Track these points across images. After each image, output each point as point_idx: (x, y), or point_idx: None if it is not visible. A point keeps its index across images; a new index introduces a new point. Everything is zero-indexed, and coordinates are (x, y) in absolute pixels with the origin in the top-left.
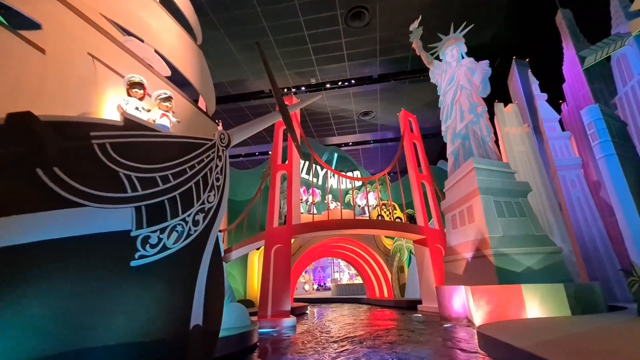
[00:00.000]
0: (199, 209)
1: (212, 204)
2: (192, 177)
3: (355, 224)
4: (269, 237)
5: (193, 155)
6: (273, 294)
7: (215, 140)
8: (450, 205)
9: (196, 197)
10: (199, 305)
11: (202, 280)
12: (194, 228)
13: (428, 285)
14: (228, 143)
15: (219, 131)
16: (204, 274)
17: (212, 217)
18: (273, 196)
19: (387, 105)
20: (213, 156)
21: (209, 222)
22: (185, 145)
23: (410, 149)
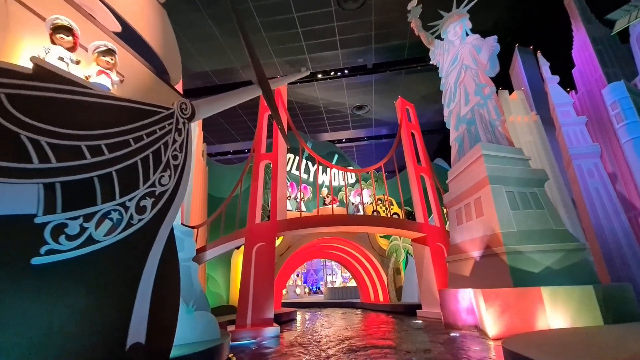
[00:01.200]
0: (146, 193)
1: (166, 187)
2: (138, 151)
3: (347, 220)
4: (250, 235)
5: (141, 125)
6: (254, 300)
7: (174, 109)
8: (454, 198)
9: (143, 177)
10: (141, 318)
11: (147, 284)
12: (138, 216)
13: (428, 288)
14: (191, 115)
15: (180, 100)
16: (151, 277)
17: (166, 203)
18: (255, 188)
19: (382, 99)
20: (170, 129)
21: (161, 210)
22: (131, 112)
23: (408, 140)
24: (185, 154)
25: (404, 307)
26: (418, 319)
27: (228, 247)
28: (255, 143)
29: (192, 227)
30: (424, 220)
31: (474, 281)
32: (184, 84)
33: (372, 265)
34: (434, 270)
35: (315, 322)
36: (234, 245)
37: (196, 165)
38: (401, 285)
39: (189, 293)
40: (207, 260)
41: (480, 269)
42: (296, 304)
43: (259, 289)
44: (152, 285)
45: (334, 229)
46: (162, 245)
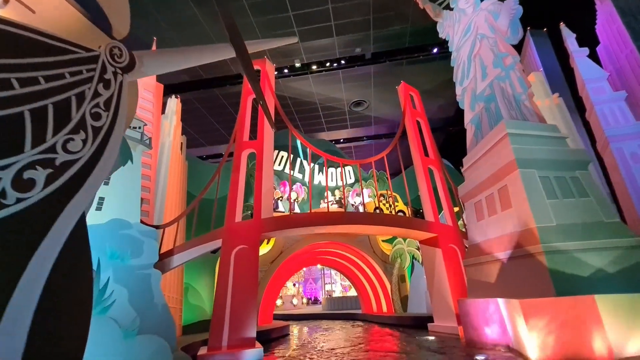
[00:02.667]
0: (36, 161)
1: (75, 156)
2: (29, 98)
3: (344, 219)
4: (228, 235)
5: (38, 63)
6: (232, 315)
7: (100, 53)
8: (472, 190)
9: (32, 138)
10: (18, 330)
11: (32, 284)
12: (18, 194)
13: (441, 297)
14: (129, 65)
15: (111, 43)
16: (40, 273)
17: (74, 180)
18: (236, 181)
19: (381, 93)
20: (90, 77)
21: (64, 189)
22: (28, 43)
23: (413, 128)
24: (115, 116)
25: (411, 320)
26: (430, 335)
27: (201, 250)
28: (237, 129)
29: (155, 226)
30: (434, 218)
31: (502, 289)
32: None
33: (374, 272)
34: (448, 276)
35: (311, 338)
36: (208, 248)
37: (172, 159)
38: (407, 295)
39: (147, 308)
40: (175, 267)
41: (509, 273)
42: (292, 316)
43: (239, 301)
44: (44, 284)
45: (330, 230)
46: (62, 241)
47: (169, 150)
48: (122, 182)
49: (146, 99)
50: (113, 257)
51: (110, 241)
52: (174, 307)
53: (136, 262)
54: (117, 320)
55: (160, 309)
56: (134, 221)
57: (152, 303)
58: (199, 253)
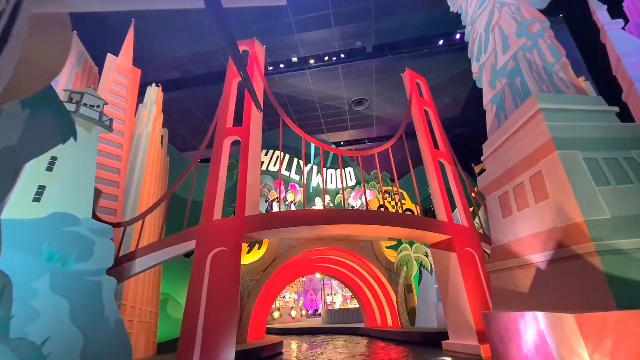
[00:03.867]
0: None
1: None
2: None
3: (343, 217)
4: (204, 235)
5: None
6: (205, 333)
7: None
8: (495, 180)
9: None
10: None
11: None
12: None
13: (457, 310)
14: None
15: None
16: None
17: None
18: (217, 173)
19: (383, 91)
20: None
21: None
22: None
23: (420, 118)
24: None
25: (421, 336)
26: (445, 355)
27: (170, 253)
28: (219, 114)
29: (113, 224)
30: (446, 218)
31: (540, 299)
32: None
33: (377, 282)
34: (465, 285)
35: (308, 357)
36: (179, 251)
37: (151, 153)
38: (414, 306)
39: (94, 324)
40: (137, 273)
41: (548, 279)
42: (290, 330)
43: (214, 316)
44: None
45: (327, 232)
46: None
47: (147, 142)
48: (70, 168)
49: (119, 83)
50: (51, 260)
51: (49, 240)
52: (146, 321)
53: (83, 267)
54: (36, 343)
55: (113, 325)
56: (83, 216)
57: (101, 318)
58: (168, 257)
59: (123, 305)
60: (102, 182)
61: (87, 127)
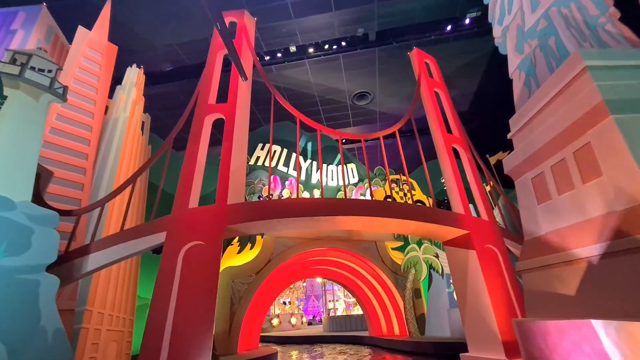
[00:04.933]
0: None
1: None
2: None
3: (343, 207)
4: (176, 227)
5: None
6: (173, 345)
7: None
8: (527, 160)
9: None
10: None
11: None
12: None
13: (478, 318)
14: None
15: None
16: None
17: None
18: (195, 154)
19: (387, 83)
20: None
21: None
22: None
23: (431, 100)
24: None
25: (433, 346)
26: None
27: (133, 248)
28: (200, 89)
29: (63, 211)
30: (463, 210)
31: (593, 303)
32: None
33: (382, 286)
34: (487, 288)
35: None
36: (144, 246)
37: (129, 140)
38: (423, 313)
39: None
40: (92, 271)
41: (603, 278)
42: (289, 339)
43: (185, 325)
44: None
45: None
46: None
47: (123, 127)
48: (6, 140)
49: (92, 60)
50: None
51: None
52: (118, 330)
53: (14, 262)
54: None
55: (51, 336)
56: (19, 199)
57: (35, 327)
58: (131, 252)
59: (88, 312)
60: (66, 168)
61: (33, 93)
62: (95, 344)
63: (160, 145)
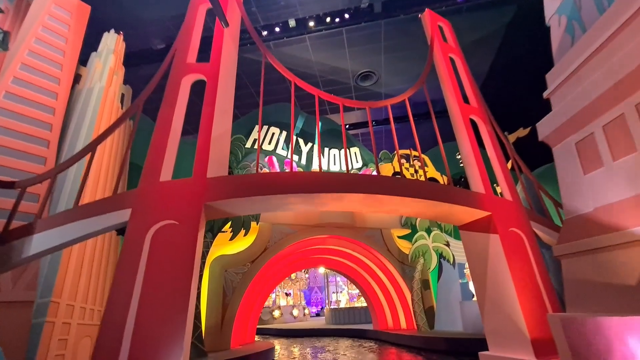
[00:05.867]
0: None
1: None
2: None
3: (345, 182)
4: (143, 203)
5: None
6: (135, 345)
7: None
8: (570, 121)
9: None
10: None
11: None
12: None
13: (500, 311)
14: None
15: None
16: None
17: None
18: (169, 118)
19: (393, 62)
20: None
21: None
22: None
23: (445, 66)
24: None
25: (445, 342)
26: None
27: (90, 227)
28: (177, 47)
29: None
30: (484, 189)
31: None
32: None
33: (388, 276)
34: (512, 277)
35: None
36: (105, 224)
37: (104, 113)
38: (432, 306)
39: None
40: (36, 256)
41: None
42: (289, 332)
43: (153, 321)
44: None
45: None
46: None
47: (99, 98)
48: None
49: (58, 18)
50: None
51: None
52: (92, 324)
53: None
54: None
55: None
56: None
57: None
58: (86, 232)
59: (54, 304)
60: (26, 139)
61: None
62: (64, 339)
63: (150, 127)
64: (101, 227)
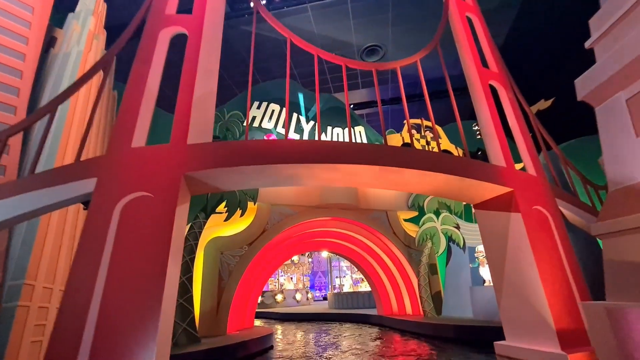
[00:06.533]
0: None
1: None
2: None
3: (344, 151)
4: (111, 171)
5: None
6: (99, 335)
7: None
8: (622, 71)
9: None
10: None
11: None
12: None
13: (521, 298)
14: None
15: None
16: None
17: None
18: (144, 75)
19: (401, 35)
20: None
21: None
22: None
23: (462, 27)
24: None
25: (454, 330)
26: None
27: (46, 200)
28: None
29: None
30: (505, 162)
31: None
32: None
33: (394, 260)
34: (536, 261)
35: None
36: (66, 196)
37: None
38: (439, 291)
39: None
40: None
41: None
42: (291, 315)
43: (120, 307)
44: None
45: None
46: None
47: (76, 64)
48: None
49: None
50: None
51: None
52: None
53: None
54: None
55: None
56: None
57: None
58: (43, 204)
59: (28, 287)
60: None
61: None
62: (41, 325)
63: None
64: (60, 199)
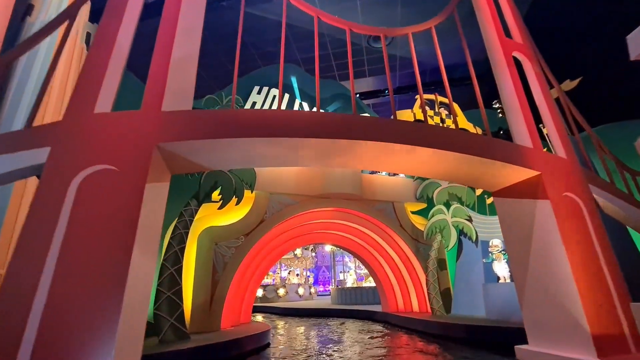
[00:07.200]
0: None
1: None
2: None
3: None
4: (67, 140)
5: None
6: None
7: None
8: None
9: None
10: None
11: None
12: None
13: (548, 297)
14: None
15: None
16: None
17: None
18: (114, 31)
19: (412, 16)
20: None
21: None
22: None
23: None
24: None
25: (465, 330)
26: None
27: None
28: None
29: None
30: (531, 143)
31: None
32: None
33: (400, 255)
34: (568, 255)
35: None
36: (11, 166)
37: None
38: (448, 287)
39: None
40: None
41: None
42: (293, 311)
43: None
44: None
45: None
46: None
47: (55, 35)
48: None
49: None
50: None
51: None
52: None
53: None
54: None
55: None
56: None
57: None
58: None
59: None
60: None
61: None
62: None
63: (135, 86)
64: (5, 171)
